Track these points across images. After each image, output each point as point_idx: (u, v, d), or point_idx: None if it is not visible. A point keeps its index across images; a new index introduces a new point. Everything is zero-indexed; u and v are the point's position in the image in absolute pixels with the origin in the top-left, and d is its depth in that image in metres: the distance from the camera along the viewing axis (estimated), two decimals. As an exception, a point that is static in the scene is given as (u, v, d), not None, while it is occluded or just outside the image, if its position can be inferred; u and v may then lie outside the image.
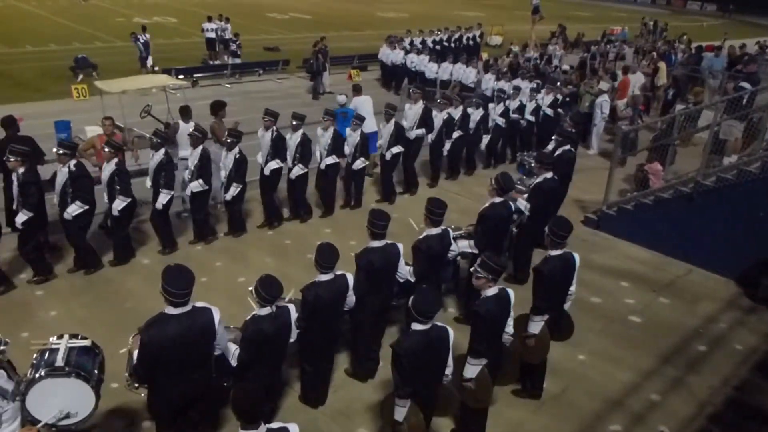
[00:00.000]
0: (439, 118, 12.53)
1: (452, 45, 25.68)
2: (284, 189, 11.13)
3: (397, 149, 11.66)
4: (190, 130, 9.75)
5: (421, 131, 12.27)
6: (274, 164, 10.41)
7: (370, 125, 12.57)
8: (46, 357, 5.42)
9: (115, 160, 8.92)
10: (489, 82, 17.45)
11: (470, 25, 28.90)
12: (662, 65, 20.90)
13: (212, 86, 21.37)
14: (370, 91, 15.70)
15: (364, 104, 13.24)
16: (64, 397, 5.28)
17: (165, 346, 4.85)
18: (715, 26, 49.17)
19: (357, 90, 13.60)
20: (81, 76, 20.29)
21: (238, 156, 9.73)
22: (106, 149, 8.95)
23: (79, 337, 5.69)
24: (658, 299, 9.29)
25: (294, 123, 10.53)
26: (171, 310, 4.93)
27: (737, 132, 12.63)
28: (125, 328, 5.09)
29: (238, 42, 24.15)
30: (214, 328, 5.11)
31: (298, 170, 10.64)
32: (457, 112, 12.86)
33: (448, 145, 12.81)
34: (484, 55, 24.60)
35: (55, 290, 8.66)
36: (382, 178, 12.13)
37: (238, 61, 24.06)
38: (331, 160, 10.89)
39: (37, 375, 5.24)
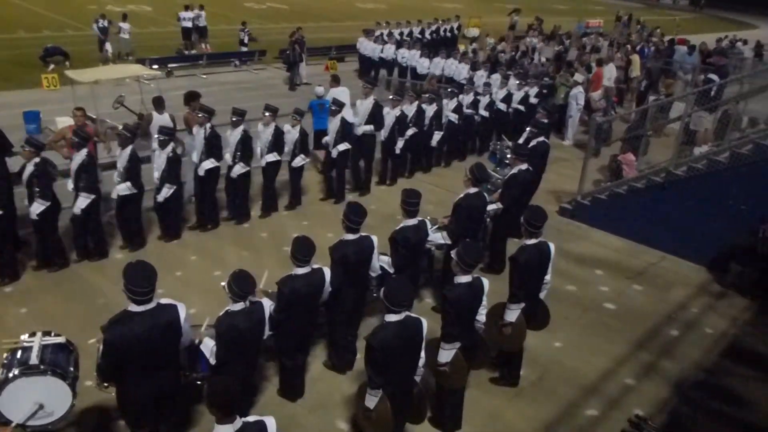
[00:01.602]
0: (391, 114, 12.03)
1: (429, 37, 25.61)
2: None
3: (344, 146, 11.14)
4: (166, 119, 9.56)
5: (369, 127, 11.72)
6: (209, 164, 9.79)
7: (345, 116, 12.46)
8: (18, 356, 5.29)
9: (84, 151, 8.61)
10: (481, 79, 17.44)
11: (448, 17, 28.86)
12: (635, 58, 21.09)
13: (187, 77, 21.13)
14: (348, 82, 15.60)
15: (341, 95, 13.08)
16: (40, 396, 5.18)
17: (129, 344, 4.73)
18: (687, 20, 49.65)
19: (335, 80, 13.51)
20: (52, 66, 19.85)
21: (171, 155, 9.16)
22: (77, 139, 8.66)
23: (53, 334, 5.58)
24: (632, 286, 9.38)
25: (234, 119, 9.96)
26: (134, 308, 4.80)
27: (707, 123, 12.79)
28: (98, 324, 4.99)
29: (247, 30, 23.86)
30: (180, 324, 5.00)
31: (239, 169, 10.06)
32: (411, 109, 12.36)
33: (401, 143, 12.27)
34: (461, 48, 24.59)
35: (25, 287, 8.45)
36: (332, 176, 11.65)
37: (245, 50, 23.83)
38: (272, 157, 10.43)
39: (10, 375, 5.11)
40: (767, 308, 8.95)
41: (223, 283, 5.40)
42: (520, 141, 11.22)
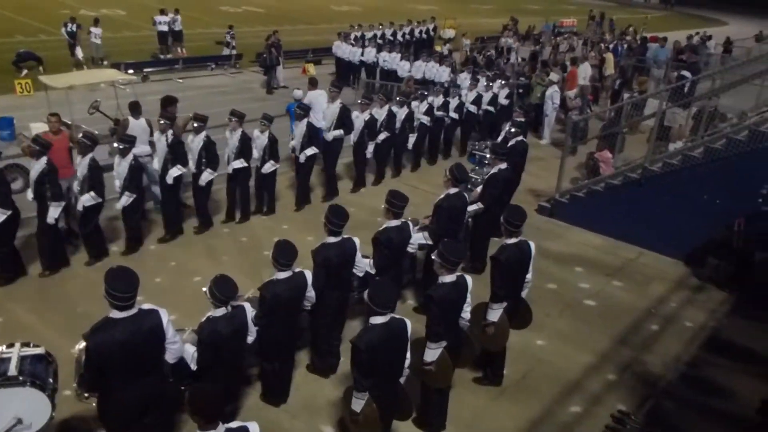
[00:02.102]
0: (360, 119, 11.83)
1: (402, 39, 25.58)
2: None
3: (311, 151, 10.91)
4: (143, 124, 9.41)
5: (339, 132, 11.51)
6: (175, 171, 9.59)
7: (321, 119, 12.41)
8: (-4, 366, 5.17)
9: (44, 159, 8.35)
10: (466, 81, 17.46)
11: (423, 19, 28.88)
12: (609, 56, 21.26)
13: (163, 81, 20.90)
14: (326, 85, 15.51)
15: (319, 98, 13.06)
16: (18, 408, 5.06)
17: (111, 352, 4.63)
18: (658, 18, 50.26)
19: (313, 84, 13.44)
20: (25, 71, 19.49)
21: (132, 163, 8.93)
22: (36, 147, 8.41)
23: (31, 345, 5.46)
24: (612, 283, 9.43)
25: (195, 125, 9.72)
26: (116, 314, 4.70)
27: (680, 119, 12.92)
28: (77, 333, 4.88)
29: (232, 33, 23.63)
30: (163, 330, 4.92)
31: (207, 176, 9.85)
32: (381, 113, 12.19)
33: (371, 148, 12.10)
34: (438, 49, 24.67)
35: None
36: (297, 182, 11.48)
37: (233, 52, 23.60)
38: (239, 164, 10.19)
39: (-12, 386, 5.00)
40: (744, 301, 9.05)
41: (204, 288, 5.33)
42: (498, 140, 11.27)
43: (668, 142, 12.47)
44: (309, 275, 6.09)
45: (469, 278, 5.80)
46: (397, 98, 13.37)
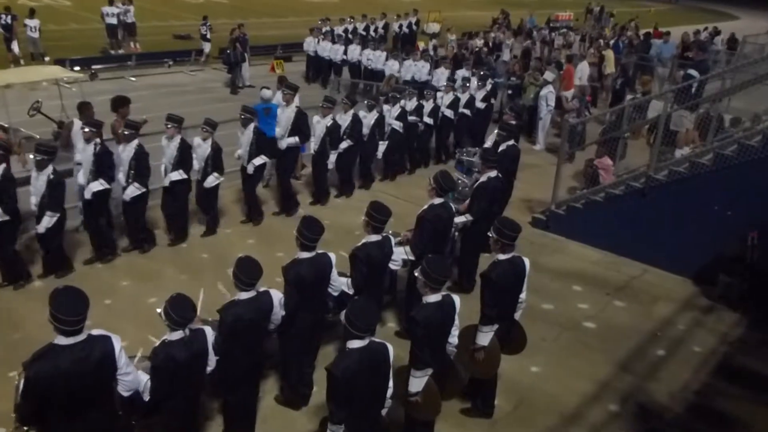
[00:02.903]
0: (321, 124, 11.74)
1: (375, 34, 25.66)
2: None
3: (260, 160, 10.80)
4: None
5: (293, 140, 11.41)
6: (97, 185, 9.33)
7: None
8: None
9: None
10: (442, 76, 17.55)
11: (405, 11, 29.04)
12: (609, 53, 21.56)
13: (114, 79, 20.81)
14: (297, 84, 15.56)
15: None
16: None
17: (55, 382, 4.55)
18: (663, 12, 51.09)
19: (282, 83, 13.45)
20: (-43, 69, 19.35)
21: (51, 177, 8.60)
22: None
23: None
24: (613, 303, 9.52)
25: (126, 132, 9.57)
26: (62, 340, 4.63)
27: (688, 122, 13.08)
28: (15, 363, 4.80)
29: (208, 24, 23.52)
30: (115, 358, 4.86)
31: (133, 190, 9.59)
32: (346, 118, 12.11)
33: (333, 157, 12.01)
34: (421, 45, 24.81)
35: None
36: (245, 195, 11.45)
37: (208, 46, 23.47)
38: (178, 175, 9.96)
39: None
40: (758, 322, 9.17)
41: (159, 310, 5.28)
42: (487, 145, 11.33)
43: (674, 147, 12.62)
44: (276, 295, 6.07)
45: (456, 298, 5.83)
46: (365, 101, 13.30)
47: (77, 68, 19.15)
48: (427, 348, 5.63)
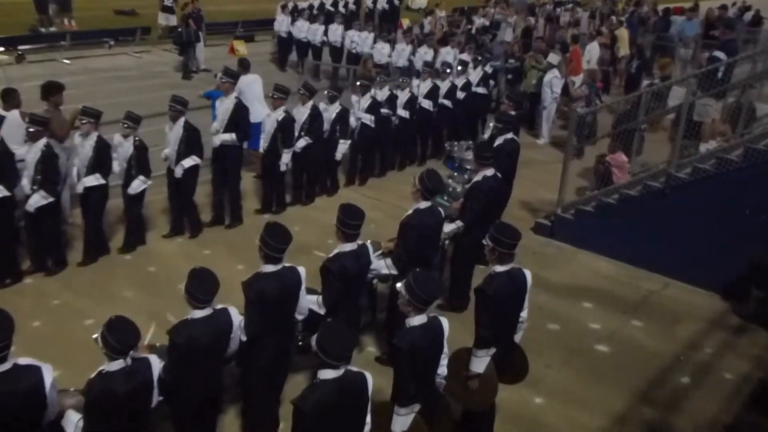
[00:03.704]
0: (272, 118, 11.60)
1: (345, 10, 25.54)
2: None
3: (191, 161, 10.61)
4: (17, 118, 9.22)
5: (229, 137, 11.13)
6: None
7: (257, 113, 12.39)
8: None
9: None
10: (426, 57, 17.57)
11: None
12: (622, 32, 21.68)
13: (45, 62, 20.69)
14: (261, 68, 15.52)
15: (252, 86, 13.05)
16: None
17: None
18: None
19: (244, 66, 13.40)
20: None
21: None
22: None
23: None
24: (630, 322, 9.53)
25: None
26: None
27: (714, 112, 13.15)
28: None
29: None
30: (45, 391, 4.81)
31: (37, 199, 9.40)
32: (303, 111, 11.94)
33: (286, 158, 11.76)
34: (405, 22, 24.87)
35: None
36: (172, 203, 11.25)
37: (174, 19, 23.29)
38: (93, 180, 9.84)
39: None
40: (797, 344, 9.22)
41: (95, 335, 5.21)
42: (483, 139, 11.33)
43: (699, 141, 12.67)
44: (235, 314, 6.04)
45: (444, 321, 5.80)
46: (326, 91, 13.02)
47: (1, 49, 18.97)
48: (412, 380, 5.59)
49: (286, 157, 11.75)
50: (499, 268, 6.37)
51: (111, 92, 16.62)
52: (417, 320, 5.60)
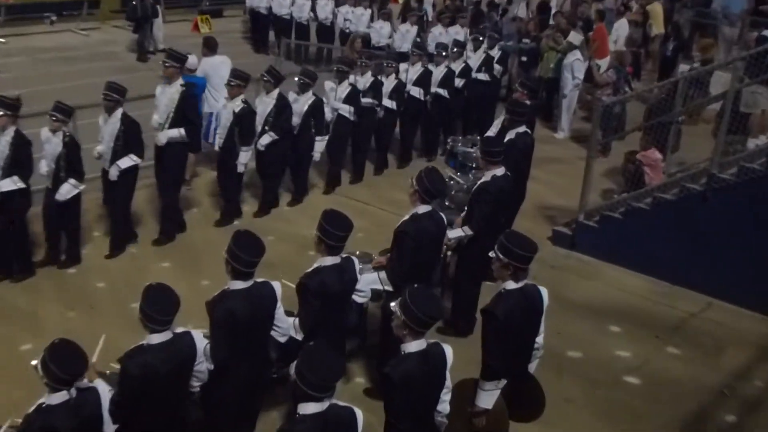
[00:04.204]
0: (228, 109, 11.52)
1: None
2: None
3: (128, 161, 10.49)
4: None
5: (175, 132, 10.94)
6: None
7: (223, 100, 12.32)
8: None
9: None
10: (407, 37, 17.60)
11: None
12: (656, 8, 21.67)
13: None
14: (228, 48, 15.51)
15: (219, 69, 13.02)
16: None
17: None
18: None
19: (209, 47, 13.40)
20: None
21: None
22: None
23: None
24: (665, 350, 9.54)
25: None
26: None
27: (764, 102, 13.19)
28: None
29: None
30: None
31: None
32: (267, 102, 11.90)
33: (244, 158, 11.67)
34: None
35: None
36: (110, 209, 11.25)
37: None
38: (11, 184, 9.72)
39: None
40: None
41: (35, 362, 5.19)
42: (491, 133, 11.32)
43: (746, 136, 12.70)
44: (199, 338, 6.04)
45: (447, 349, 5.76)
46: (297, 78, 12.71)
47: None
48: (405, 417, 5.56)
49: (244, 157, 11.63)
50: (511, 286, 6.36)
51: (52, 76, 16.59)
52: (414, 346, 5.56)
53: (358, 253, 7.90)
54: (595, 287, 10.82)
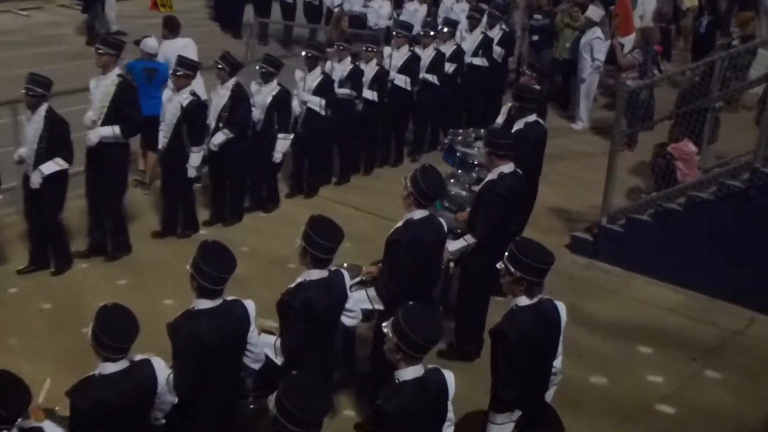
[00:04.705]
0: (174, 102, 11.45)
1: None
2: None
3: (53, 166, 10.33)
4: None
5: (108, 131, 10.75)
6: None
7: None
8: None
9: None
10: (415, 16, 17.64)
11: None
12: (688, -23, 21.76)
13: None
14: (193, 31, 15.51)
15: (184, 53, 12.96)
16: None
17: None
18: None
19: (171, 28, 13.38)
20: None
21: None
22: None
23: None
24: (703, 373, 9.53)
25: None
26: None
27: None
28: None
29: None
30: None
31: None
32: (222, 94, 11.83)
33: (196, 160, 11.66)
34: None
35: None
36: (30, 224, 11.06)
37: None
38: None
39: None
40: None
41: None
42: (498, 123, 11.30)
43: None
44: (160, 367, 6.00)
45: (449, 375, 5.77)
46: (258, 66, 12.72)
47: None
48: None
49: (195, 159, 11.58)
50: (524, 302, 6.33)
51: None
52: (410, 373, 5.54)
53: (346, 265, 7.86)
54: (621, 302, 10.83)
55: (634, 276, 11.37)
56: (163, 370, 6.00)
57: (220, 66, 11.75)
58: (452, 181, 10.56)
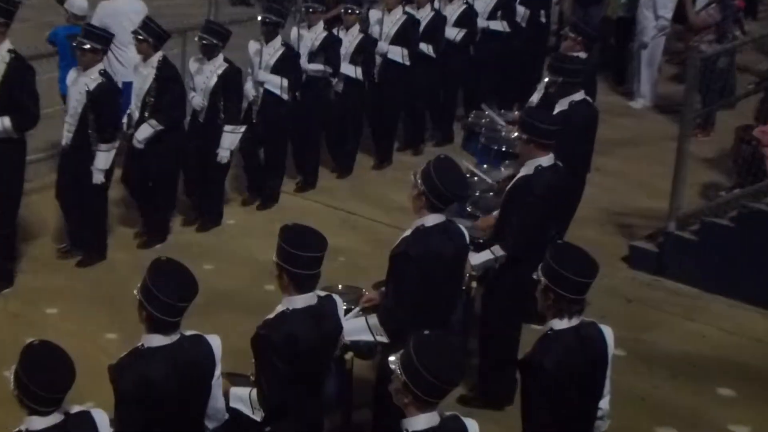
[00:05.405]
0: (80, 85, 11.16)
1: None
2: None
3: None
4: None
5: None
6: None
7: (131, 62, 12.48)
8: None
9: None
10: None
11: None
12: None
13: None
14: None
15: (119, 18, 13.03)
16: None
17: None
18: None
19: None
20: None
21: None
22: None
23: None
24: (800, 419, 9.59)
25: None
26: None
27: None
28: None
29: None
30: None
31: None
32: (146, 73, 11.75)
33: (103, 161, 11.35)
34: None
35: None
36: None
37: None
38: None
39: None
40: None
41: None
42: (532, 101, 11.33)
43: None
44: (103, 421, 5.98)
45: (472, 424, 5.79)
46: (198, 38, 12.43)
47: None
48: None
49: (102, 160, 11.40)
50: (560, 324, 6.32)
51: None
52: (422, 422, 5.51)
53: (340, 287, 7.92)
54: (695, 330, 10.83)
55: (712, 297, 11.35)
56: (106, 426, 5.99)
57: (140, 37, 11.51)
58: (475, 177, 10.51)
